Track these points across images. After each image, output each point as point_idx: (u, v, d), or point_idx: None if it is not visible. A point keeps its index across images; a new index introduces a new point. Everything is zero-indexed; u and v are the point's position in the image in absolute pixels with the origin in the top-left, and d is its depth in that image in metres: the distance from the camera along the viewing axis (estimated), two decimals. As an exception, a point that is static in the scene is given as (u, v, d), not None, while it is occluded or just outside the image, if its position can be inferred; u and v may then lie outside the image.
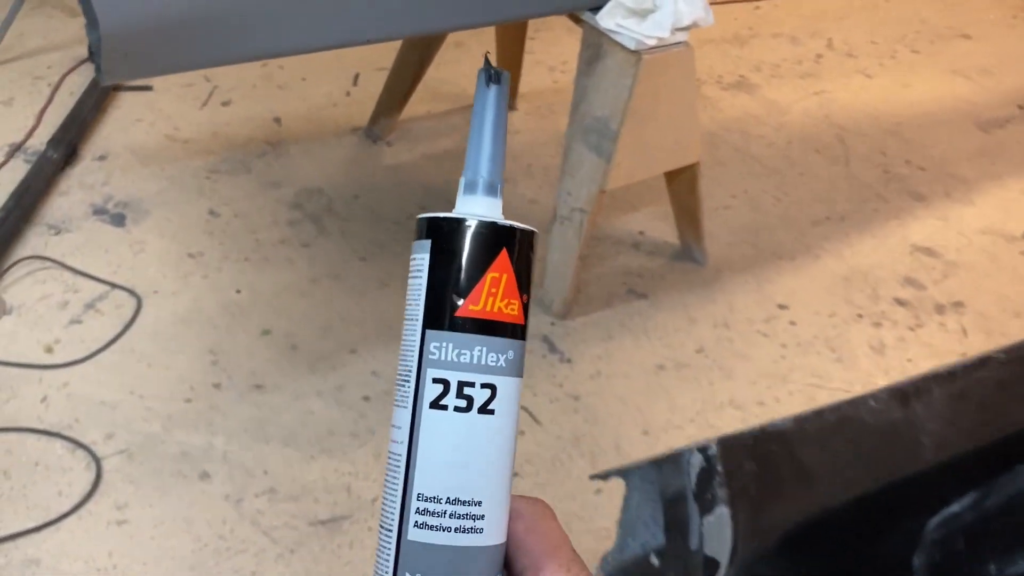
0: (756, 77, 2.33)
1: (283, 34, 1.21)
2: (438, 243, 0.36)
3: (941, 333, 1.65)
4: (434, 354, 0.36)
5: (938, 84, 2.43)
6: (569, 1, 1.42)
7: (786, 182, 1.98)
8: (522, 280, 0.36)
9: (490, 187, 0.38)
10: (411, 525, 0.35)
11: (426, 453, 0.35)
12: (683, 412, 1.44)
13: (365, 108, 1.97)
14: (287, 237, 1.64)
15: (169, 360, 1.40)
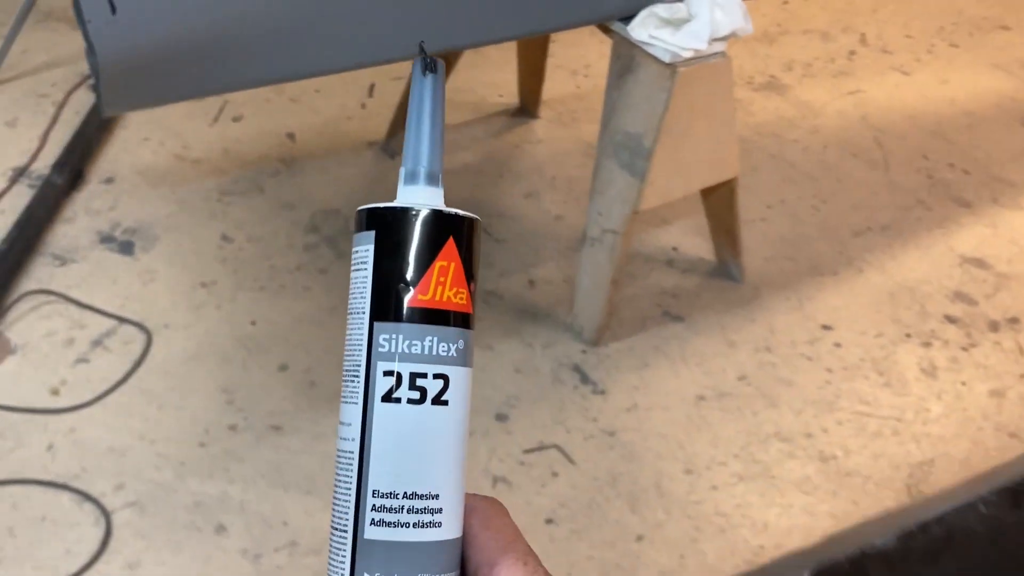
0: (787, 77, 2.23)
1: (298, 56, 1.13)
2: (383, 234, 0.36)
3: (996, 353, 1.55)
4: (384, 346, 0.35)
5: (978, 80, 2.32)
6: (597, 12, 1.33)
7: (823, 189, 1.89)
8: (469, 269, 0.36)
9: (430, 176, 0.37)
10: (367, 523, 0.34)
11: (380, 448, 0.34)
12: (727, 446, 1.35)
13: (382, 121, 1.89)
14: (303, 263, 1.57)
15: (181, 400, 1.33)
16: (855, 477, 1.33)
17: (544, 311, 1.53)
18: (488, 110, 2.00)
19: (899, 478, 1.33)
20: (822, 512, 1.28)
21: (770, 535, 1.24)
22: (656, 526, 1.24)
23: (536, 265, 1.61)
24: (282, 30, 1.08)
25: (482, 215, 1.53)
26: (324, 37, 1.13)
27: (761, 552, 1.22)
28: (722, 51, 1.35)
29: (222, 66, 1.09)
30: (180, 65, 1.04)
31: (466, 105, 1.98)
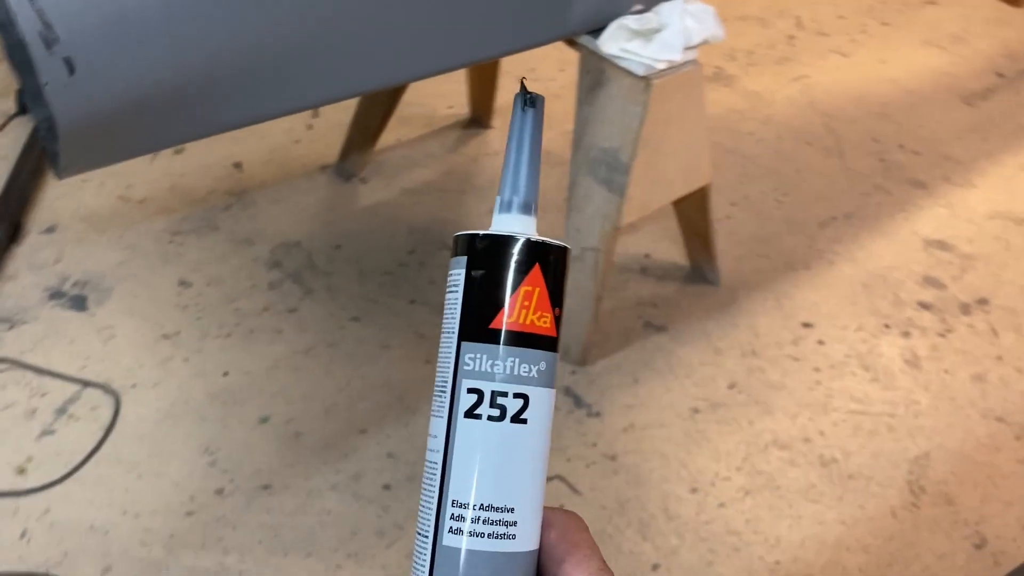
0: (732, 67, 2.22)
1: (271, 96, 1.06)
2: (473, 259, 0.38)
3: (972, 337, 1.57)
4: (468, 365, 0.37)
5: (914, 57, 2.35)
6: (564, 28, 1.29)
7: (785, 182, 1.88)
8: (554, 294, 0.38)
9: (524, 206, 0.39)
10: (445, 531, 0.36)
11: (460, 461, 0.37)
12: (728, 460, 1.34)
13: (331, 142, 1.82)
14: (270, 303, 1.49)
15: (161, 466, 1.25)
16: (858, 479, 1.33)
17: (527, 334, 1.48)
18: (440, 123, 1.94)
19: (899, 476, 1.33)
20: (831, 520, 1.27)
21: (784, 550, 1.23)
22: (671, 553, 1.21)
23: (512, 285, 1.56)
24: (252, 72, 1.02)
25: (449, 235, 1.49)
26: (296, 75, 1.06)
27: (777, 568, 1.21)
28: (694, 59, 1.32)
29: (191, 114, 1.02)
30: (146, 118, 0.97)
31: (417, 119, 1.92)
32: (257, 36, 0.99)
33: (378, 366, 1.42)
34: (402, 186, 1.77)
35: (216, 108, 1.04)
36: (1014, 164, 2.00)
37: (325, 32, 1.05)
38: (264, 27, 0.99)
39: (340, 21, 1.05)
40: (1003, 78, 2.30)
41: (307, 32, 1.03)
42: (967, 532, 1.27)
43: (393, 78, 1.22)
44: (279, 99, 1.09)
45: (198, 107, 1.02)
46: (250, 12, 0.97)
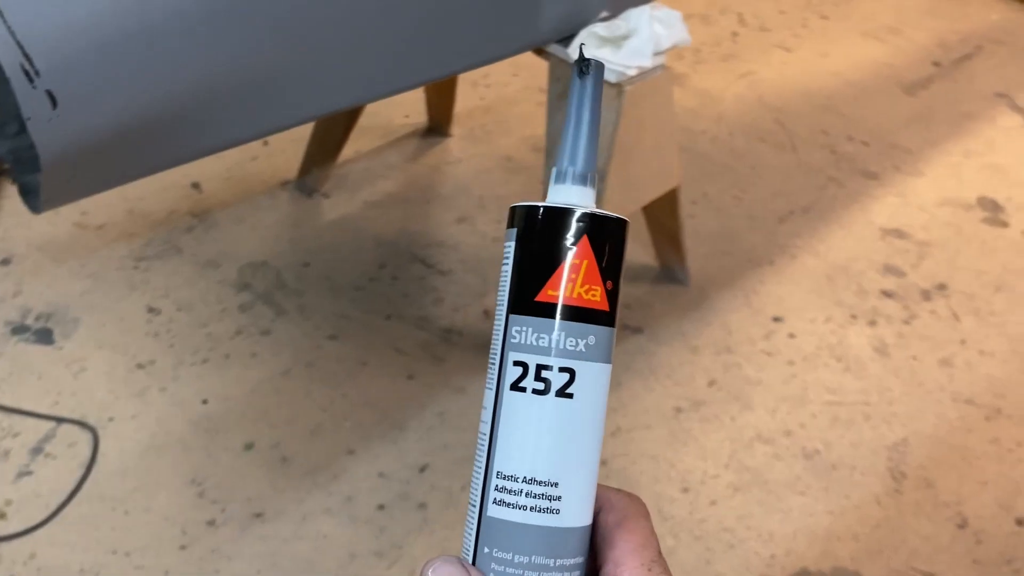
0: (680, 66, 2.25)
1: (254, 117, 1.04)
2: (522, 231, 0.37)
3: (935, 322, 1.62)
4: (515, 338, 0.37)
5: (854, 49, 2.41)
6: (534, 37, 1.29)
7: (741, 178, 1.92)
8: (606, 267, 0.37)
9: (579, 177, 0.38)
10: (490, 502, 0.36)
11: (505, 433, 0.37)
12: (715, 457, 1.35)
13: (290, 157, 1.79)
14: (243, 326, 1.47)
15: (148, 501, 1.22)
16: (841, 469, 1.36)
17: (506, 343, 1.48)
18: (397, 133, 1.93)
19: (880, 463, 1.37)
20: (820, 511, 1.30)
21: (778, 543, 1.25)
22: (668, 554, 1.23)
23: (488, 294, 1.56)
24: (231, 96, 1.00)
25: (418, 247, 1.49)
26: (275, 97, 1.04)
27: (773, 563, 1.23)
28: (662, 64, 1.33)
29: (173, 141, 0.99)
30: (127, 147, 0.94)
31: (374, 130, 1.91)
32: (236, 61, 0.97)
33: (359, 384, 1.40)
34: (365, 199, 1.75)
35: (198, 133, 1.02)
36: (958, 151, 2.06)
37: (303, 54, 1.04)
38: (242, 51, 0.98)
39: (317, 43, 1.04)
40: (939, 67, 2.38)
41: (285, 56, 1.02)
42: (949, 514, 1.31)
43: (368, 96, 1.21)
44: (259, 121, 1.07)
45: (181, 133, 1.00)
46: (229, 36, 0.96)
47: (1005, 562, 1.26)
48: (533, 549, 0.36)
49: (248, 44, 0.98)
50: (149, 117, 0.93)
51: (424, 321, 1.51)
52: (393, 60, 1.16)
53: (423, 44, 1.18)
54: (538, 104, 2.04)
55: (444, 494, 1.26)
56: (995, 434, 1.43)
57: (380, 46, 1.12)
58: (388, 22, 1.10)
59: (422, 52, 1.19)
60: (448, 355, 1.45)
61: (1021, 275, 1.74)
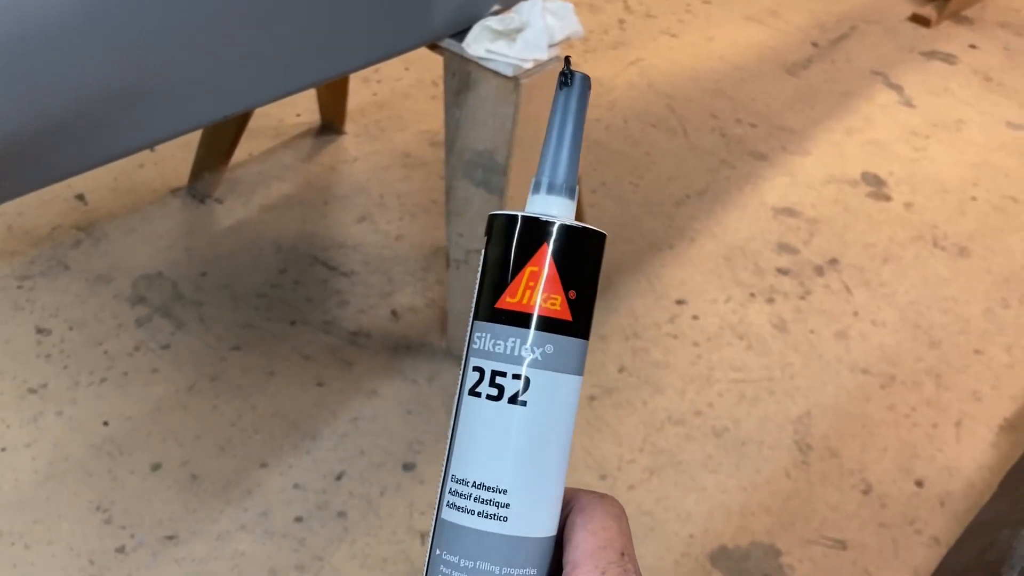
0: (572, 55, 2.26)
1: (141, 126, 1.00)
2: (490, 238, 0.38)
3: (829, 296, 1.68)
4: (476, 343, 0.37)
5: (737, 33, 2.47)
6: (427, 34, 1.28)
7: (637, 165, 1.94)
8: (568, 276, 0.36)
9: (559, 188, 0.38)
10: (444, 504, 0.37)
11: (461, 437, 0.37)
12: (629, 442, 1.37)
13: (179, 163, 1.73)
14: (141, 341, 1.41)
15: (50, 532, 1.16)
16: (749, 445, 1.39)
17: (417, 342, 1.47)
18: (289, 132, 1.88)
19: (786, 437, 1.41)
20: (733, 487, 1.33)
21: (695, 523, 1.28)
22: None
23: (393, 294, 1.54)
24: (113, 108, 0.95)
25: (319, 249, 1.46)
26: (160, 106, 1.00)
27: (692, 542, 1.26)
28: (557, 55, 1.34)
29: (53, 155, 0.95)
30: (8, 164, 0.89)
31: (265, 130, 1.86)
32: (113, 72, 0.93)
33: (267, 394, 1.37)
34: (261, 203, 1.71)
35: (78, 148, 0.97)
36: (840, 129, 2.14)
37: (186, 62, 1.00)
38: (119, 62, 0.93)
39: (200, 49, 1.00)
40: (818, 47, 2.46)
41: (167, 64, 0.98)
42: (854, 481, 1.36)
43: (258, 100, 1.17)
44: (142, 133, 1.03)
45: (58, 149, 0.95)
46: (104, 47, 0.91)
47: (908, 523, 1.32)
48: (479, 555, 0.36)
49: (125, 54, 0.93)
50: (21, 135, 0.88)
51: (330, 325, 1.48)
52: (282, 63, 1.13)
53: (313, 45, 1.15)
54: (432, 98, 2.02)
55: (363, 501, 1.24)
56: (891, 401, 1.50)
57: (268, 49, 1.09)
58: (275, 24, 1.07)
59: (312, 54, 1.16)
60: (357, 358, 1.43)
61: (906, 246, 1.81)
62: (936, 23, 2.62)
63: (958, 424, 1.47)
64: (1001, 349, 1.61)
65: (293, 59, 1.14)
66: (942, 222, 1.89)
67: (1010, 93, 2.35)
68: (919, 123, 2.20)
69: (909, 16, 2.65)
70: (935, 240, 1.84)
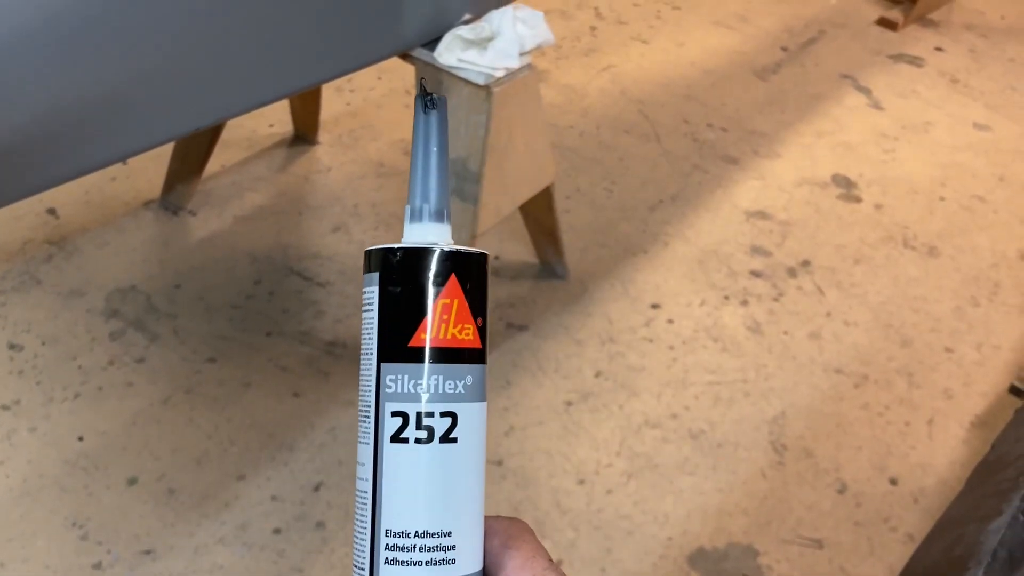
0: (543, 62, 2.28)
1: (108, 142, 0.99)
2: (385, 274, 0.36)
3: (802, 297, 1.69)
4: (390, 387, 0.35)
5: (707, 38, 2.49)
6: (398, 43, 1.28)
7: (611, 171, 1.95)
8: (475, 304, 0.36)
9: (436, 214, 0.38)
10: (382, 562, 0.35)
11: (391, 488, 0.35)
12: (607, 446, 1.38)
13: (152, 175, 1.73)
14: (115, 355, 1.40)
15: (25, 550, 1.15)
16: (726, 447, 1.41)
17: (392, 351, 1.47)
18: (263, 143, 1.88)
19: (762, 437, 1.43)
20: (709, 489, 1.34)
21: (673, 525, 1.29)
22: (569, 546, 1.24)
23: (369, 304, 1.54)
24: (87, 119, 0.95)
25: (294, 259, 1.46)
26: (132, 118, 1.00)
27: (670, 544, 1.26)
28: (528, 63, 1.35)
29: (23, 169, 0.94)
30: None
31: (238, 142, 1.85)
32: (84, 85, 0.93)
33: (243, 406, 1.36)
34: (235, 214, 1.70)
35: (48, 162, 0.97)
36: (810, 132, 2.16)
37: (158, 74, 1.00)
38: (91, 74, 0.93)
39: (173, 61, 1.00)
40: (787, 51, 2.48)
41: (138, 77, 0.98)
42: (829, 480, 1.38)
43: (231, 112, 1.17)
44: (115, 146, 1.02)
45: (28, 163, 0.95)
46: (75, 60, 0.91)
47: (883, 520, 1.33)
48: None
49: (97, 67, 0.93)
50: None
51: (306, 336, 1.48)
52: (255, 74, 1.13)
53: (285, 56, 1.15)
54: (405, 107, 2.03)
55: (342, 511, 1.24)
56: (864, 400, 1.51)
57: (240, 60, 1.09)
58: (247, 36, 1.07)
59: (285, 64, 1.16)
60: (334, 368, 1.43)
61: (877, 247, 1.84)
62: (903, 26, 2.65)
63: (930, 422, 1.49)
64: (971, 347, 1.64)
65: (266, 70, 1.14)
66: (912, 222, 1.91)
67: (976, 95, 2.38)
68: (888, 125, 2.22)
69: (876, 20, 2.69)
70: (905, 240, 1.86)
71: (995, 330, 1.68)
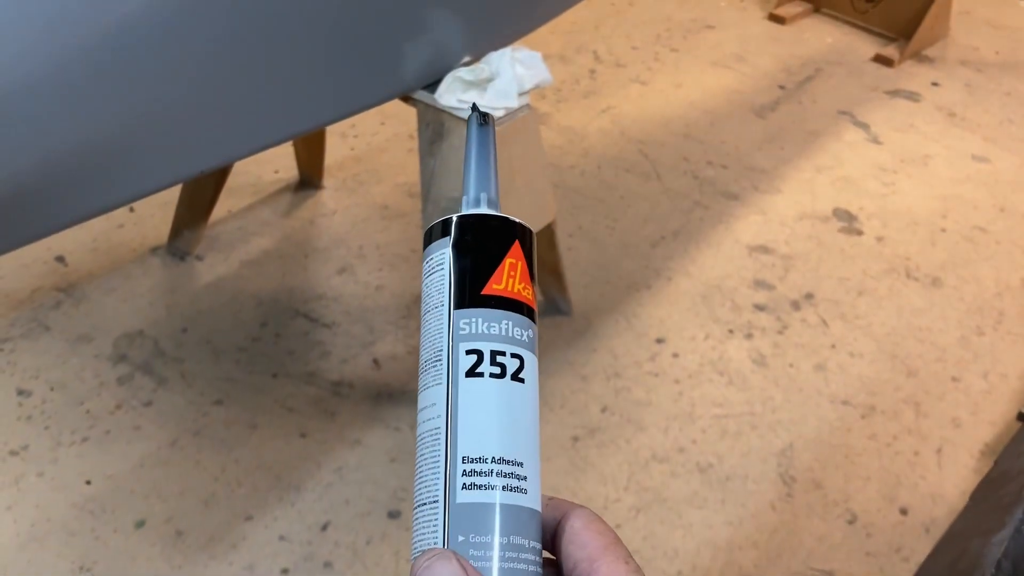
0: (544, 105, 2.31)
1: (113, 186, 1.01)
2: (460, 236, 0.39)
3: (806, 330, 1.70)
4: (464, 329, 0.38)
5: (705, 78, 2.52)
6: (400, 86, 1.31)
7: (612, 209, 1.97)
8: (531, 269, 0.40)
9: (491, 202, 0.41)
10: (459, 488, 0.36)
11: (467, 418, 0.37)
12: (614, 482, 1.38)
13: (157, 222, 1.75)
14: (123, 399, 1.41)
15: (32, 595, 1.15)
16: (734, 480, 1.40)
17: (398, 389, 1.48)
18: (268, 189, 1.90)
19: (770, 470, 1.42)
20: (719, 523, 1.33)
21: (683, 560, 1.28)
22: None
23: (375, 343, 1.55)
24: (92, 164, 0.97)
25: (300, 301, 1.47)
26: (137, 162, 1.02)
27: (680, 578, 1.25)
28: (527, 103, 1.37)
29: (30, 214, 0.96)
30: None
31: (244, 188, 1.88)
32: (90, 131, 0.95)
33: (250, 448, 1.37)
34: (241, 258, 1.72)
35: (55, 207, 0.98)
36: (810, 167, 2.18)
37: (164, 118, 1.02)
38: (96, 120, 0.95)
39: (177, 105, 1.02)
40: (784, 90, 2.51)
41: (144, 121, 1.00)
42: (839, 511, 1.37)
43: (236, 154, 1.19)
44: (120, 190, 1.04)
45: (35, 209, 0.96)
46: (84, 107, 0.93)
47: (894, 551, 1.32)
48: (510, 529, 0.35)
49: (103, 112, 0.95)
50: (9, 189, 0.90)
51: (312, 376, 1.48)
52: (258, 116, 1.16)
53: (289, 99, 1.18)
54: (408, 151, 2.05)
55: (349, 551, 1.24)
56: (872, 430, 1.51)
57: (244, 103, 1.11)
58: (250, 79, 1.10)
59: (288, 107, 1.19)
60: (340, 408, 1.43)
61: (879, 278, 1.84)
62: (899, 63, 2.68)
63: (939, 451, 1.49)
64: (978, 376, 1.63)
65: (270, 113, 1.16)
66: (914, 254, 1.92)
67: (973, 127, 2.40)
68: (887, 159, 2.24)
69: (872, 57, 2.72)
70: (908, 272, 1.87)
71: (1001, 359, 1.67)
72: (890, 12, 2.81)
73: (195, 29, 0.97)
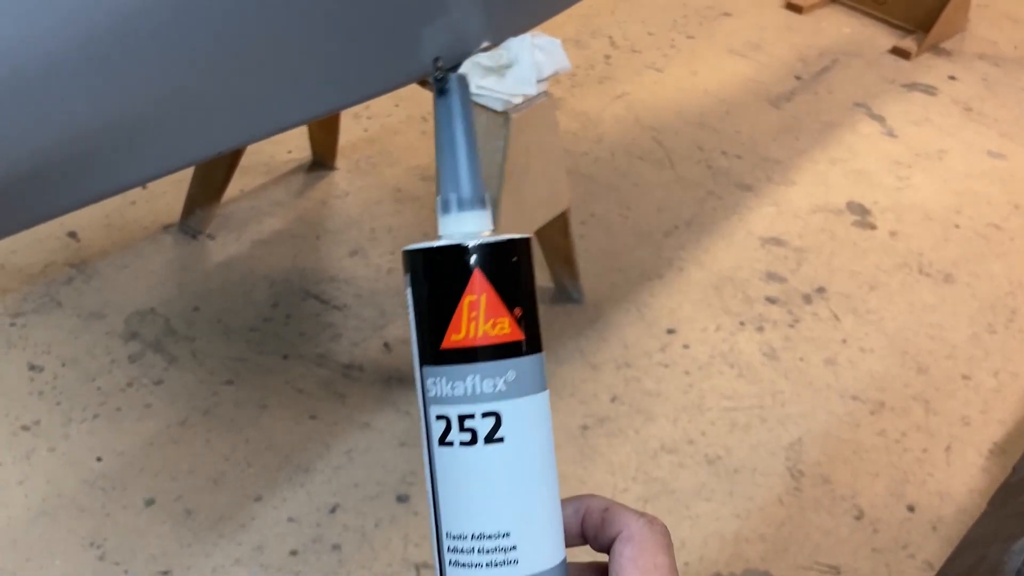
0: (558, 90, 2.30)
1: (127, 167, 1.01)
2: (414, 277, 0.35)
3: (817, 324, 1.69)
4: (431, 391, 0.35)
5: (721, 67, 2.51)
6: (417, 70, 1.30)
7: (625, 197, 1.96)
8: (508, 295, 0.34)
9: (468, 202, 0.36)
10: (447, 564, 0.35)
11: (446, 491, 0.35)
12: (623, 471, 1.38)
13: (171, 199, 1.74)
14: (134, 377, 1.41)
15: (43, 570, 1.16)
16: (742, 472, 1.40)
17: (409, 373, 1.48)
18: (281, 169, 1.90)
19: (779, 463, 1.42)
20: (726, 515, 1.34)
21: (690, 551, 1.28)
22: (586, 571, 1.24)
23: (386, 326, 1.55)
24: (107, 145, 0.96)
25: (311, 283, 1.47)
26: (152, 144, 1.02)
27: (687, 570, 1.26)
28: (545, 90, 1.36)
29: (44, 194, 0.95)
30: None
31: (257, 167, 1.87)
32: (106, 110, 0.95)
33: (260, 428, 1.37)
34: (253, 238, 1.72)
35: (69, 187, 0.98)
36: (825, 159, 2.17)
37: (181, 99, 1.01)
38: (112, 99, 0.95)
39: (195, 86, 1.02)
40: (801, 80, 2.50)
41: (161, 102, 0.99)
42: (846, 507, 1.37)
43: (252, 137, 1.18)
44: (134, 171, 1.04)
45: (48, 189, 0.96)
46: (101, 85, 0.93)
47: (901, 547, 1.32)
48: None
49: (122, 91, 0.95)
50: (13, 173, 0.89)
51: (323, 358, 1.49)
52: (274, 99, 1.15)
53: (305, 82, 1.17)
54: (422, 133, 2.05)
55: (357, 534, 1.24)
56: (881, 426, 1.51)
57: (260, 86, 1.11)
58: (267, 61, 1.09)
59: (304, 90, 1.18)
60: (350, 391, 1.44)
61: (892, 273, 1.84)
62: (916, 55, 2.66)
63: (948, 449, 1.48)
64: (988, 374, 1.63)
65: (285, 95, 1.15)
66: (927, 249, 1.91)
67: (990, 123, 2.39)
68: (902, 153, 2.23)
69: (889, 49, 2.70)
70: (920, 267, 1.86)
71: (1012, 357, 1.67)
72: (908, 3, 2.78)
73: (221, 8, 0.96)
